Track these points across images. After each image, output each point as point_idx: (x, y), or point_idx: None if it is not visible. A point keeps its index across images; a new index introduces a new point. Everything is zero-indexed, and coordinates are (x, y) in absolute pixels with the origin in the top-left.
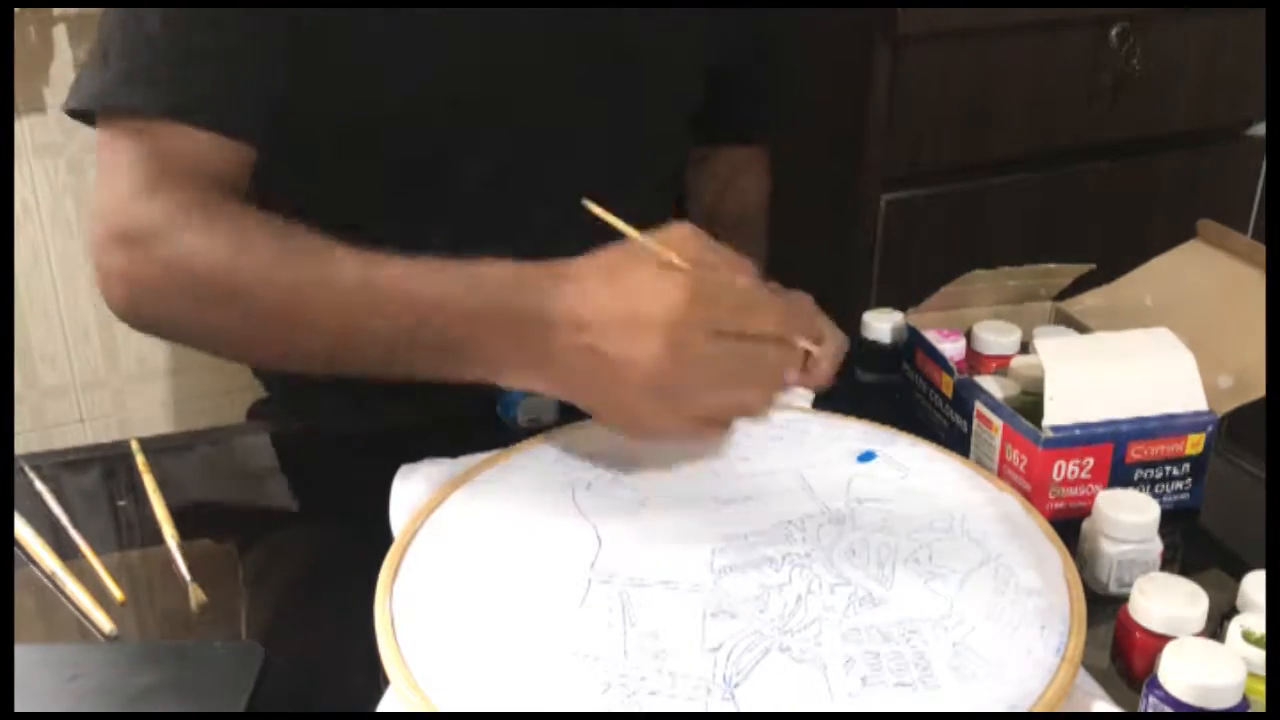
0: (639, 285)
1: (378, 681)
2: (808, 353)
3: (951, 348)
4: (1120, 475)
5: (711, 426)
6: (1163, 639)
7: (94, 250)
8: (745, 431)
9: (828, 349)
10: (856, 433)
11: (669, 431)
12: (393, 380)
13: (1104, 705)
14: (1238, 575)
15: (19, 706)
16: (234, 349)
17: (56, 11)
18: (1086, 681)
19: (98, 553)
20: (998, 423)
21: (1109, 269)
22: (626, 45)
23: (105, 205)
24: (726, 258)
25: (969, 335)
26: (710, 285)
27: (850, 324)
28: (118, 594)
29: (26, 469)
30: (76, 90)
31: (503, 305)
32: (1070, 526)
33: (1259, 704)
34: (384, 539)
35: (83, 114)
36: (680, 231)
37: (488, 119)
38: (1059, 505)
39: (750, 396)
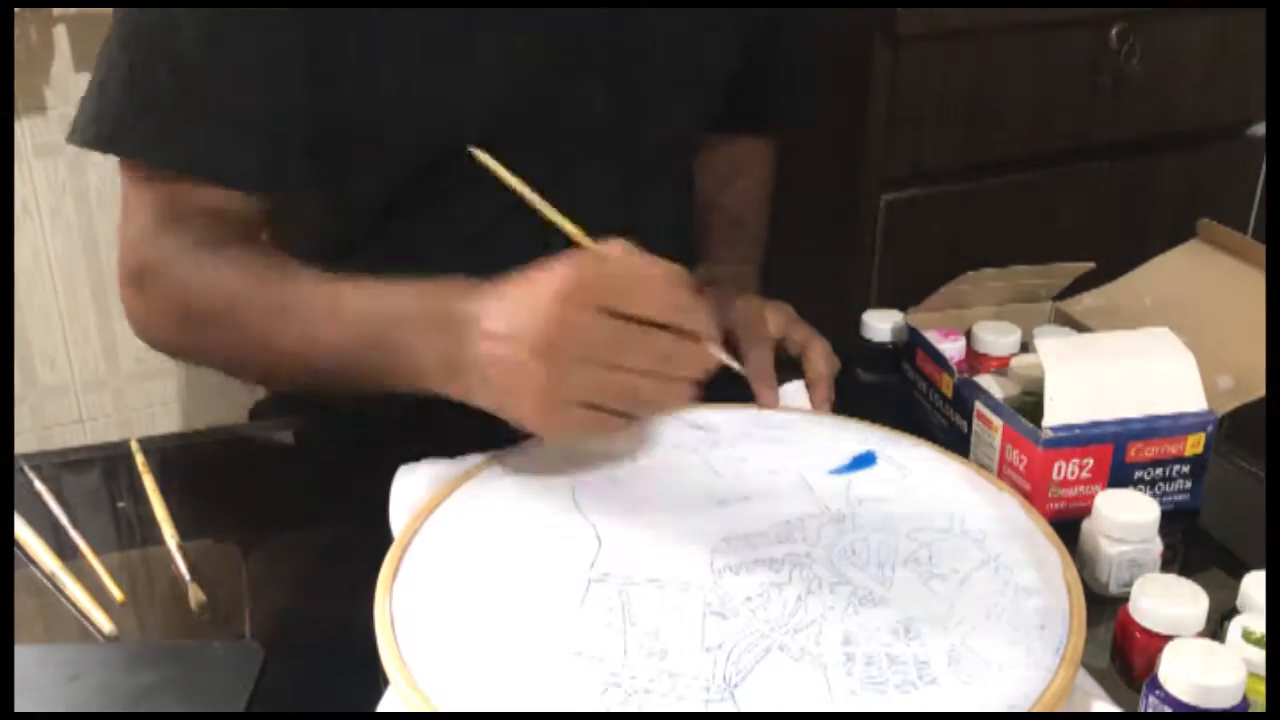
0: (540, 273)
1: (378, 681)
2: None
3: (951, 348)
4: (1120, 475)
5: (600, 411)
6: (1163, 639)
7: (119, 287)
8: (742, 431)
9: (819, 369)
10: (856, 433)
11: (555, 412)
12: (361, 392)
13: (1104, 705)
14: (1238, 575)
15: (19, 706)
16: (230, 369)
17: (56, 11)
18: (1086, 681)
19: (98, 553)
20: (998, 423)
21: (1109, 269)
22: (647, 48)
23: (123, 245)
24: (650, 260)
25: (969, 335)
26: (609, 266)
27: (850, 324)
28: (118, 594)
29: (26, 469)
30: (86, 124)
31: (432, 312)
32: (1070, 526)
33: (1259, 704)
34: (384, 539)
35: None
36: (612, 246)
37: (504, 123)
38: (1059, 505)
39: (640, 383)
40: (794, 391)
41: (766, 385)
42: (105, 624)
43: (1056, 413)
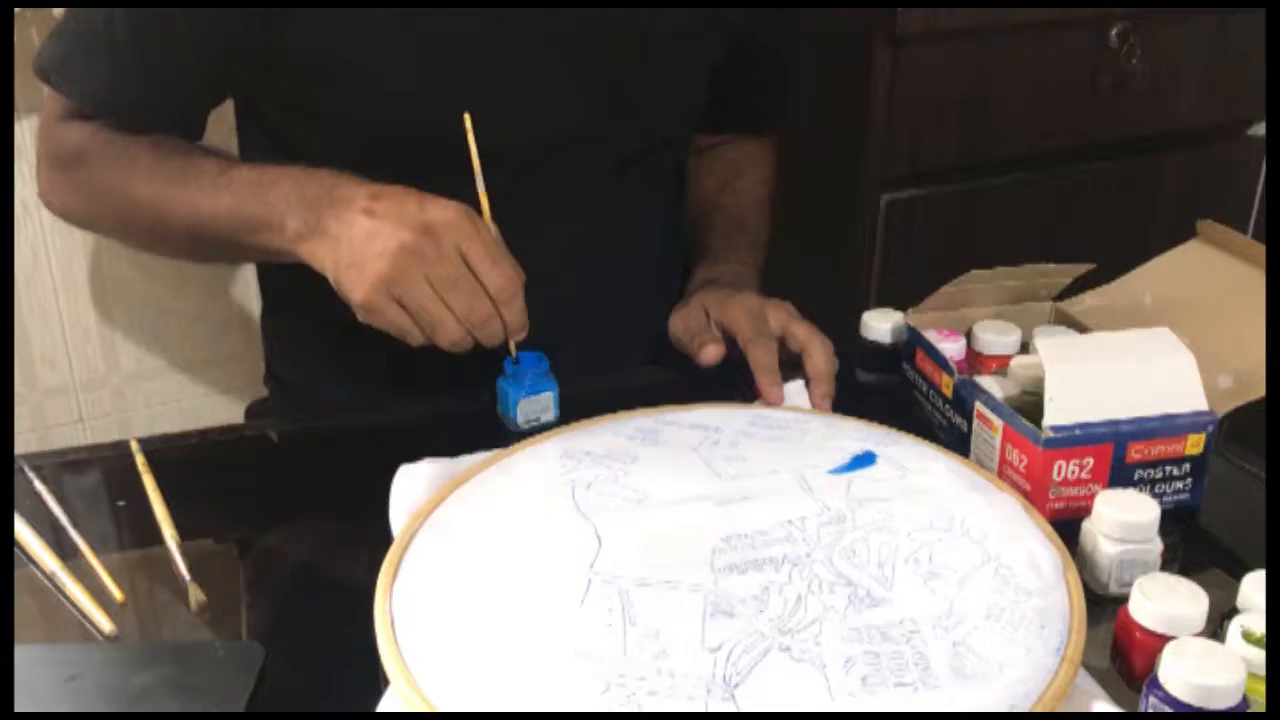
0: (434, 199)
1: (378, 681)
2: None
3: (951, 348)
4: (1120, 475)
5: (409, 324)
6: (1163, 639)
7: (36, 174)
8: (742, 430)
9: (819, 366)
10: (856, 433)
11: (383, 306)
12: (245, 259)
13: (1104, 705)
14: (1238, 575)
15: (19, 706)
16: (135, 242)
17: (56, 12)
18: (1086, 681)
19: (98, 553)
20: (998, 423)
21: (1109, 269)
22: (630, 45)
23: (41, 135)
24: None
25: (969, 335)
26: (483, 230)
27: (850, 324)
28: (118, 594)
29: (26, 469)
30: (38, 55)
31: (308, 176)
32: (1070, 526)
33: (1259, 704)
34: (384, 539)
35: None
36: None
37: (488, 120)
38: (1059, 505)
39: (445, 316)
40: (795, 391)
41: (771, 381)
42: (105, 624)
43: (1056, 413)
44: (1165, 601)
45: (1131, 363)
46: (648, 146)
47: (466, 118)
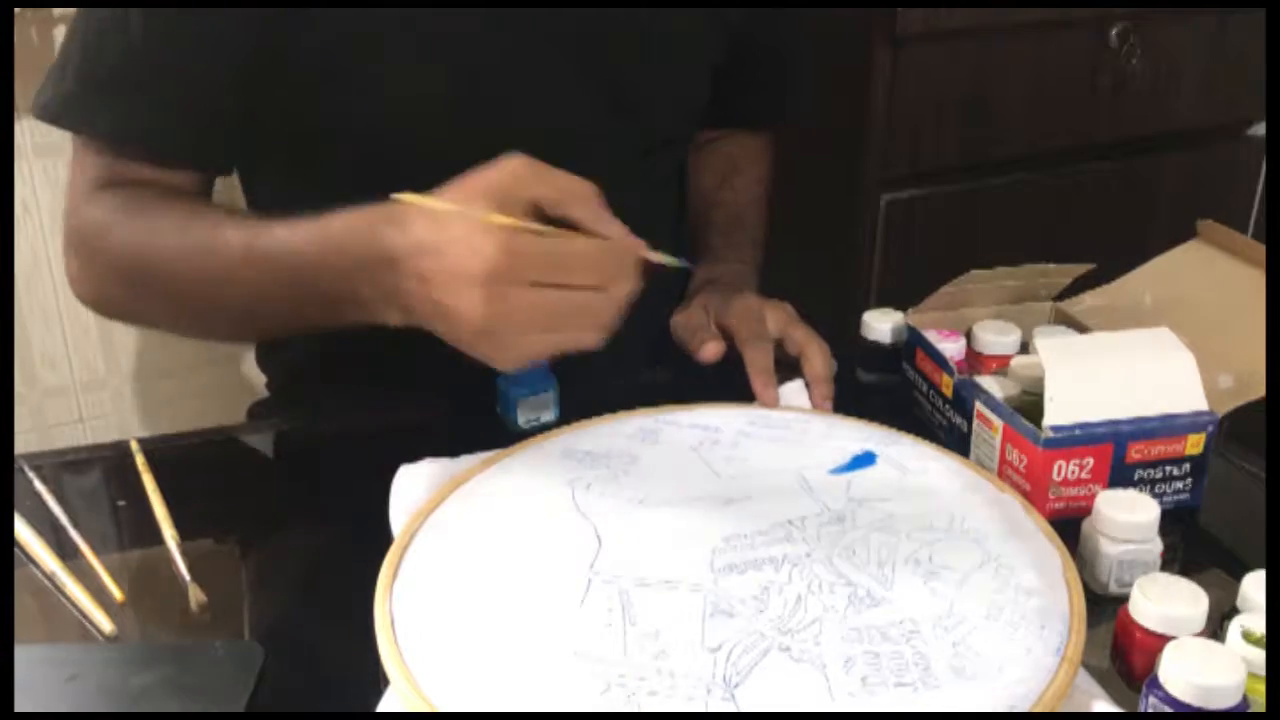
0: (460, 239)
1: (378, 681)
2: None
3: (951, 348)
4: (1120, 475)
5: (542, 355)
6: (1163, 639)
7: (63, 255)
8: (742, 431)
9: (817, 369)
10: (856, 433)
11: (506, 363)
12: (299, 332)
13: (1104, 705)
14: (1238, 575)
15: (19, 706)
16: (169, 327)
17: (56, 12)
18: (1086, 681)
19: (98, 553)
20: (998, 423)
21: (1109, 269)
22: (630, 45)
23: (66, 210)
24: (561, 186)
25: (969, 335)
26: (527, 241)
27: (850, 324)
28: (118, 594)
29: (26, 469)
30: (39, 98)
31: (352, 255)
32: (1070, 526)
33: (1259, 704)
34: (384, 539)
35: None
36: (512, 166)
37: (488, 120)
38: (1059, 505)
39: (574, 339)
40: (794, 391)
41: (766, 383)
42: (105, 624)
43: (1056, 413)
44: (1165, 601)
45: (1131, 363)
46: (648, 146)
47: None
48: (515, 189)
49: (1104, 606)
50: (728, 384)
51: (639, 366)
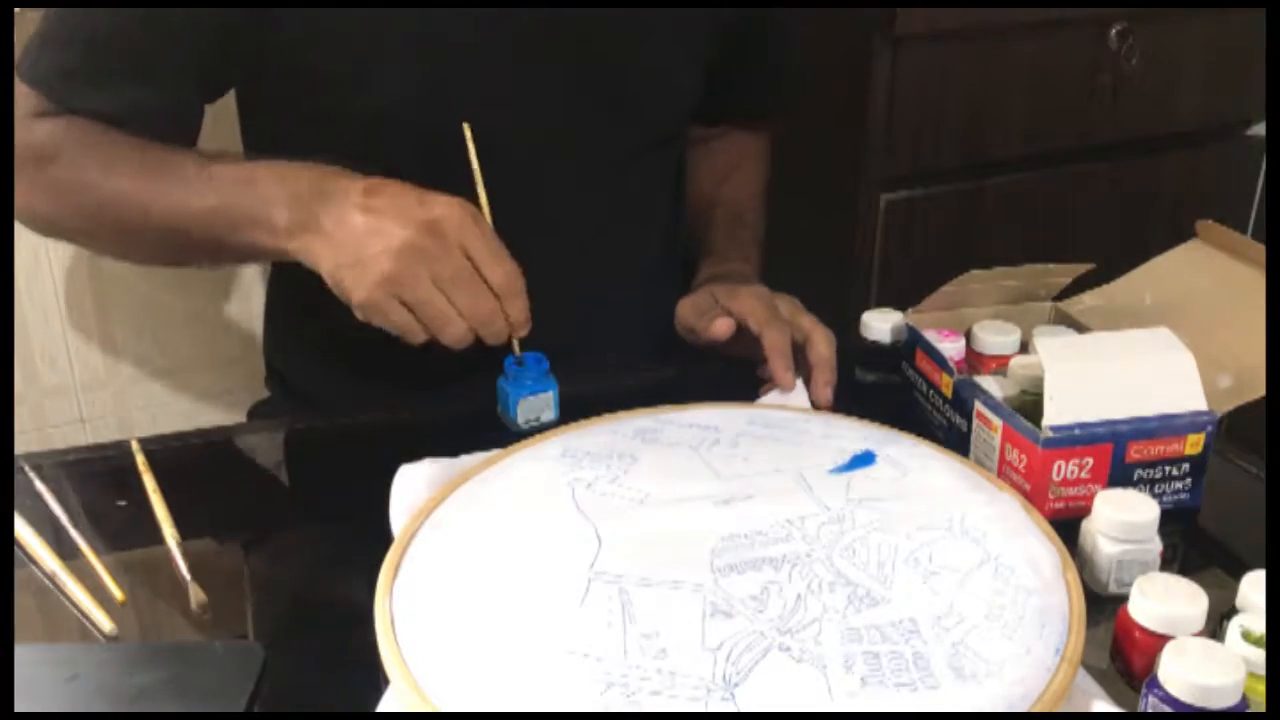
0: (435, 195)
1: (378, 681)
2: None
3: (951, 348)
4: (1120, 475)
5: (413, 320)
6: (1162, 639)
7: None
8: (741, 430)
9: (822, 353)
10: (856, 433)
11: (386, 305)
12: (208, 263)
13: (1104, 705)
14: (1237, 575)
15: (19, 706)
16: (109, 247)
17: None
18: (1086, 681)
19: (98, 553)
20: (997, 423)
21: (1109, 269)
22: (627, 43)
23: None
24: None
25: (969, 335)
26: (485, 227)
27: (850, 324)
28: (118, 594)
29: (26, 469)
30: (21, 60)
31: (304, 178)
32: (1070, 526)
33: (1259, 704)
34: (384, 539)
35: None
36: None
37: (485, 120)
38: (1059, 505)
39: (450, 314)
40: (794, 391)
41: (785, 366)
42: (105, 624)
43: (1056, 413)
44: (1165, 601)
45: (1131, 363)
46: (645, 143)
47: (466, 128)
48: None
49: (1104, 606)
50: (728, 384)
51: (639, 366)
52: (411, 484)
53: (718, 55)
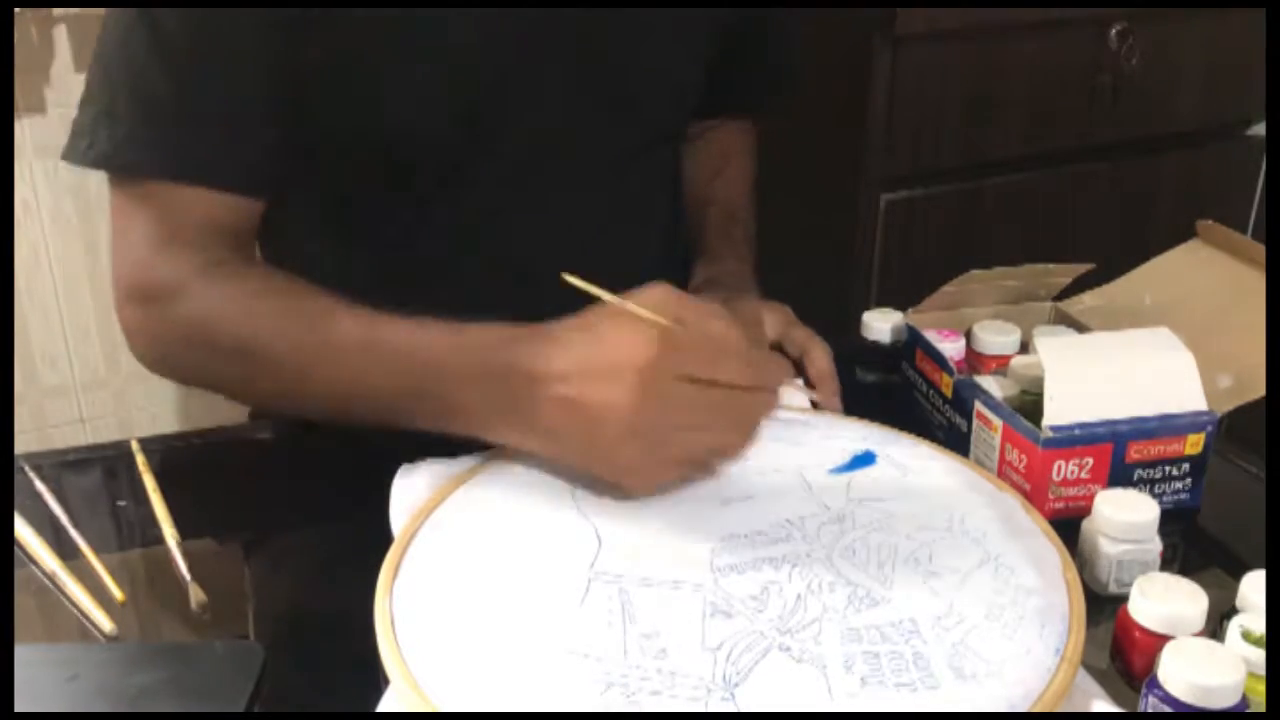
0: (615, 338)
1: (378, 681)
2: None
3: (951, 348)
4: (1120, 475)
5: (691, 469)
6: (1162, 639)
7: (116, 306)
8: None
9: (822, 368)
10: (856, 433)
11: (651, 476)
12: (394, 430)
13: (1104, 705)
14: (1237, 575)
15: (19, 706)
16: (246, 398)
17: (56, 11)
18: (1086, 681)
19: (98, 553)
20: (997, 422)
21: (1109, 269)
22: (628, 42)
23: (123, 263)
24: (704, 311)
25: (969, 335)
26: (682, 336)
27: (850, 324)
28: (118, 594)
29: (26, 469)
30: (81, 145)
31: (489, 366)
32: (1070, 526)
33: (1259, 704)
34: (384, 539)
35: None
36: (657, 293)
37: (488, 120)
38: (1059, 505)
39: (724, 439)
40: (793, 391)
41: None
42: (105, 624)
43: (1056, 413)
44: (1165, 601)
45: (1131, 363)
46: (645, 143)
47: (570, 278)
48: (661, 307)
49: (1103, 606)
50: None
51: None
52: (411, 484)
53: (718, 54)
